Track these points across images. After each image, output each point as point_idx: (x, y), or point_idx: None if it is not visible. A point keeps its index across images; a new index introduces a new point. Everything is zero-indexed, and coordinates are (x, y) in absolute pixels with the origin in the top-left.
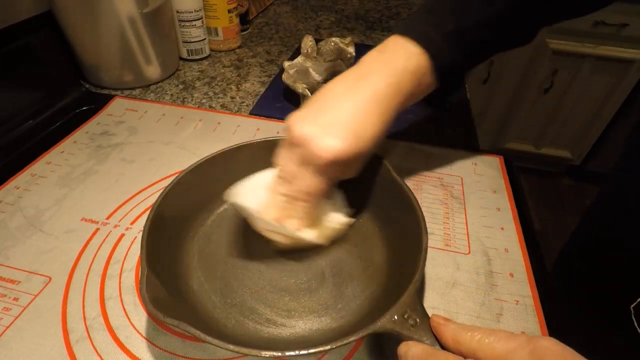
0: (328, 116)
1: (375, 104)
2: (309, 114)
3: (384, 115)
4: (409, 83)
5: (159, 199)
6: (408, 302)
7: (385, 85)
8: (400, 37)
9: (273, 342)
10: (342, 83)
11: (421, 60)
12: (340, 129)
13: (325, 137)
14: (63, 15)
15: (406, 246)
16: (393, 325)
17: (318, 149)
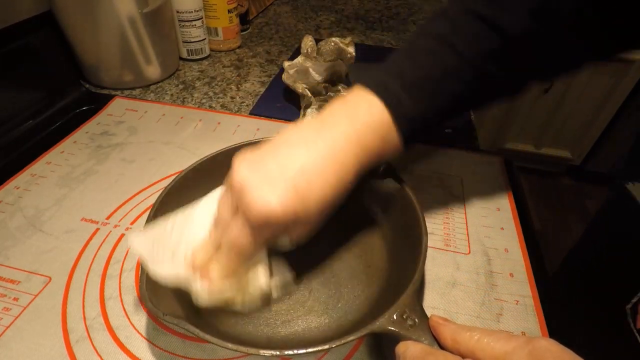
0: (273, 166)
1: (331, 160)
2: (256, 158)
3: (339, 176)
4: (371, 140)
5: (160, 198)
6: (407, 303)
7: (343, 142)
8: (362, 88)
9: (272, 341)
10: (301, 130)
11: (384, 114)
12: (281, 183)
13: (262, 189)
14: (63, 15)
15: (406, 246)
16: (392, 325)
17: (250, 201)
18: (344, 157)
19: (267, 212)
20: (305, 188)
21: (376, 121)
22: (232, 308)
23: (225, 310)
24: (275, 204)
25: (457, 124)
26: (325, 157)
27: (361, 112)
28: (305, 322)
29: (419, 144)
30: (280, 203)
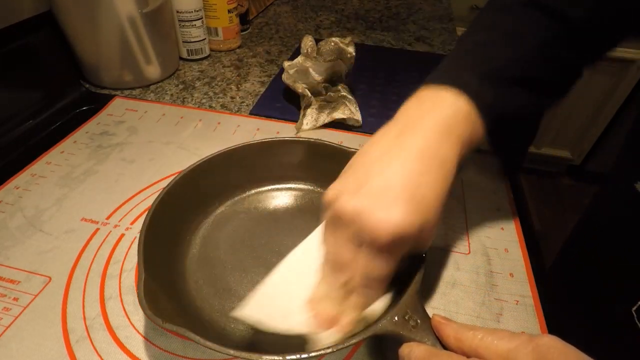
0: (375, 183)
1: (427, 159)
2: (351, 184)
3: (442, 170)
4: (462, 126)
5: (155, 202)
6: (409, 303)
7: (434, 135)
8: (433, 86)
9: (273, 345)
10: (381, 142)
11: (464, 104)
12: (395, 196)
13: (381, 210)
14: (63, 15)
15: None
16: (394, 326)
17: (375, 224)
18: (441, 151)
19: (396, 230)
20: (418, 192)
21: (459, 111)
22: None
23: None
24: (401, 219)
25: None
26: (421, 157)
27: (441, 105)
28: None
29: None
30: (406, 217)
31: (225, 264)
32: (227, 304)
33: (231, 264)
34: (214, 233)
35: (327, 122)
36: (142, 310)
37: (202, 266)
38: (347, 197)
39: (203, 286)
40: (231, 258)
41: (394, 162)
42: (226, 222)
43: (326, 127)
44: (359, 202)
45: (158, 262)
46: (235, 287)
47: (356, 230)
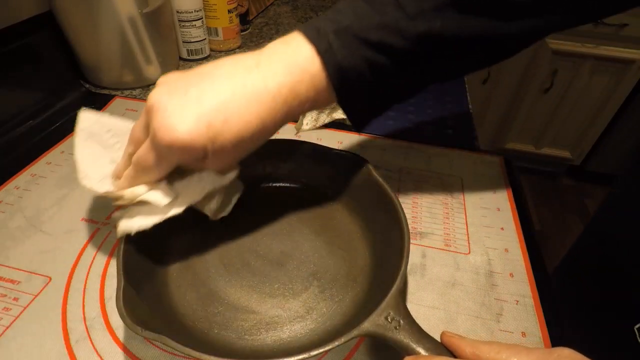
0: (192, 94)
1: (255, 101)
2: (179, 82)
3: (262, 118)
4: (305, 88)
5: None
6: (391, 304)
7: (275, 85)
8: (299, 32)
9: (257, 351)
10: (234, 64)
11: (315, 60)
12: (194, 115)
13: (173, 116)
14: (63, 15)
15: (390, 248)
16: (377, 328)
17: (158, 125)
18: (271, 101)
19: (171, 139)
20: (220, 125)
21: (309, 69)
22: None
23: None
24: (181, 133)
25: (457, 124)
26: (250, 97)
27: (295, 57)
28: (291, 329)
29: (418, 144)
30: (188, 133)
31: (208, 268)
32: (211, 309)
33: (214, 269)
34: (197, 237)
35: (327, 122)
36: (121, 319)
37: (185, 271)
38: (162, 88)
39: (186, 291)
40: (215, 262)
41: (222, 88)
42: (210, 227)
43: (326, 127)
44: (164, 98)
45: (139, 268)
46: (220, 292)
47: (148, 119)
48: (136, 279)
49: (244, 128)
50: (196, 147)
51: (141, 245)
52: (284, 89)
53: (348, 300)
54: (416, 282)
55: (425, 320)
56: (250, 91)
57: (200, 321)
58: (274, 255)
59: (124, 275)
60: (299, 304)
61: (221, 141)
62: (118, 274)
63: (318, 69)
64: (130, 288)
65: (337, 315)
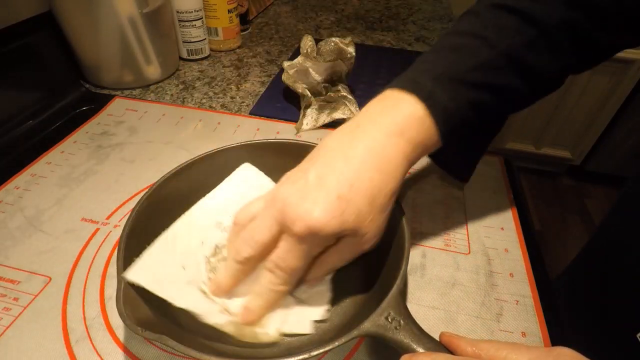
0: (311, 177)
1: (370, 158)
2: (297, 174)
3: (384, 171)
4: (415, 130)
5: (136, 209)
6: (391, 305)
7: (384, 135)
8: (392, 89)
9: (257, 352)
10: (337, 135)
11: (418, 107)
12: (323, 193)
13: (304, 203)
14: (63, 16)
15: (390, 248)
16: (377, 328)
17: (293, 217)
18: (385, 151)
19: (312, 224)
20: (348, 192)
21: (412, 114)
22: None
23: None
24: (318, 215)
25: None
26: (365, 157)
27: (396, 108)
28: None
29: None
30: (324, 213)
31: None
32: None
33: None
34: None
35: (327, 122)
36: (121, 319)
37: None
38: (286, 186)
39: None
40: None
41: (335, 161)
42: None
43: (326, 127)
44: (291, 192)
45: None
46: None
47: (281, 216)
48: None
49: (370, 184)
50: (335, 223)
51: (141, 245)
52: (393, 137)
53: (348, 300)
54: (416, 282)
55: (425, 320)
56: (362, 150)
57: (200, 321)
58: None
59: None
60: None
61: (355, 206)
62: (118, 274)
63: (424, 113)
64: (130, 288)
65: (337, 316)
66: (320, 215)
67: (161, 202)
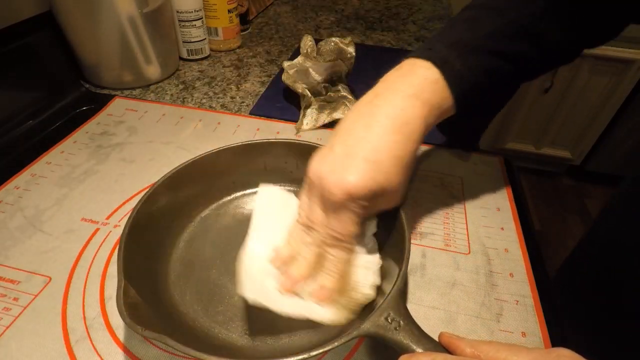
0: (338, 149)
1: (391, 122)
2: (325, 151)
3: (404, 132)
4: (430, 93)
5: (137, 207)
6: (391, 305)
7: (401, 99)
8: (412, 58)
9: (258, 351)
10: (356, 108)
11: (434, 72)
12: (352, 161)
13: (336, 173)
14: (63, 15)
15: (390, 248)
16: (377, 328)
17: (330, 187)
18: (404, 114)
19: (349, 188)
20: (375, 156)
21: (428, 77)
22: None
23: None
24: (353, 180)
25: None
26: (385, 121)
27: (412, 73)
28: (289, 329)
29: None
30: (358, 177)
31: (209, 267)
32: (211, 308)
33: (215, 268)
34: (198, 237)
35: (327, 122)
36: (122, 318)
37: (186, 270)
38: (316, 164)
39: (187, 290)
40: (216, 262)
41: (358, 129)
42: (210, 225)
43: (326, 127)
44: (322, 168)
45: (140, 267)
46: (220, 291)
47: (319, 192)
48: (136, 278)
49: (393, 146)
50: (370, 185)
51: (141, 245)
52: (410, 99)
53: None
54: (416, 282)
55: (425, 320)
56: (382, 115)
57: (200, 320)
58: None
59: (124, 274)
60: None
61: (383, 166)
62: (118, 274)
63: (439, 77)
64: (130, 288)
65: None
66: (354, 179)
67: (161, 203)
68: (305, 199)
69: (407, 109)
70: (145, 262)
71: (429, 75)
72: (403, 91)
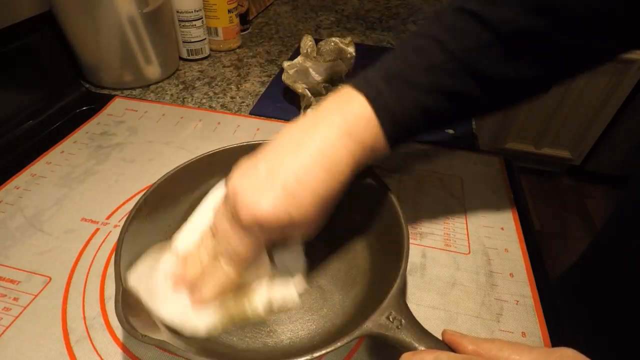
0: (263, 170)
1: (320, 157)
2: (250, 165)
3: (331, 171)
4: (363, 133)
5: (132, 211)
6: (392, 304)
7: (335, 135)
8: (349, 86)
9: (259, 353)
10: (292, 131)
11: (367, 108)
12: (271, 186)
13: (251, 194)
14: (63, 15)
15: (390, 248)
16: (379, 328)
17: (241, 206)
18: (335, 152)
19: (257, 215)
20: (295, 188)
21: (363, 115)
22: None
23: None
24: (264, 206)
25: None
26: (314, 155)
27: (348, 107)
28: (291, 331)
29: (418, 144)
30: (270, 205)
31: None
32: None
33: None
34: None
35: None
36: (120, 324)
37: None
38: (236, 175)
39: None
40: None
41: (287, 155)
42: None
43: None
44: (240, 183)
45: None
46: None
47: (231, 206)
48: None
49: (318, 184)
50: (280, 216)
51: (139, 248)
52: (343, 137)
53: (348, 300)
54: (416, 282)
55: (426, 320)
56: (312, 148)
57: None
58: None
59: (122, 279)
60: (299, 305)
61: (300, 203)
62: (116, 278)
63: (371, 115)
64: (129, 293)
65: (337, 316)
66: (265, 208)
67: (157, 206)
68: (221, 206)
69: (338, 148)
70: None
71: (362, 111)
72: (337, 126)
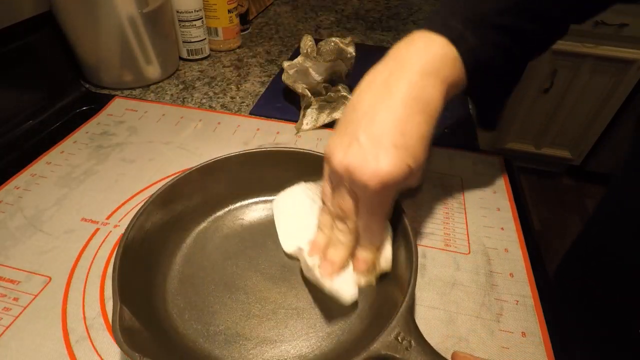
0: (363, 137)
1: (412, 103)
2: (344, 137)
3: (426, 112)
4: (447, 68)
5: (130, 224)
6: (401, 323)
7: (420, 77)
8: (423, 31)
9: None
10: (370, 90)
11: (452, 50)
12: (381, 148)
13: (369, 162)
14: (63, 15)
15: (395, 261)
16: (387, 349)
17: (365, 177)
18: (424, 93)
19: (383, 177)
20: (404, 141)
21: (447, 55)
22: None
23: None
24: (386, 167)
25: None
26: (407, 102)
27: (429, 49)
28: (295, 348)
29: None
30: (391, 165)
31: (208, 283)
32: (212, 328)
33: (215, 284)
34: (195, 251)
35: (327, 122)
36: (118, 345)
37: (184, 288)
38: (339, 155)
39: (185, 310)
40: (215, 278)
41: (380, 113)
42: (208, 239)
43: (326, 127)
44: (350, 160)
45: (136, 286)
46: (220, 309)
47: (351, 184)
48: (133, 299)
49: (419, 127)
50: (403, 170)
51: (137, 263)
52: (430, 77)
53: (353, 316)
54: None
55: (426, 320)
56: (403, 96)
57: (200, 341)
58: (275, 270)
59: (119, 295)
60: (304, 322)
61: (412, 150)
62: (114, 296)
63: (455, 55)
64: (126, 311)
65: (343, 332)
66: (388, 168)
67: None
68: (328, 189)
69: (427, 88)
70: (141, 281)
71: (447, 52)
72: (421, 67)
